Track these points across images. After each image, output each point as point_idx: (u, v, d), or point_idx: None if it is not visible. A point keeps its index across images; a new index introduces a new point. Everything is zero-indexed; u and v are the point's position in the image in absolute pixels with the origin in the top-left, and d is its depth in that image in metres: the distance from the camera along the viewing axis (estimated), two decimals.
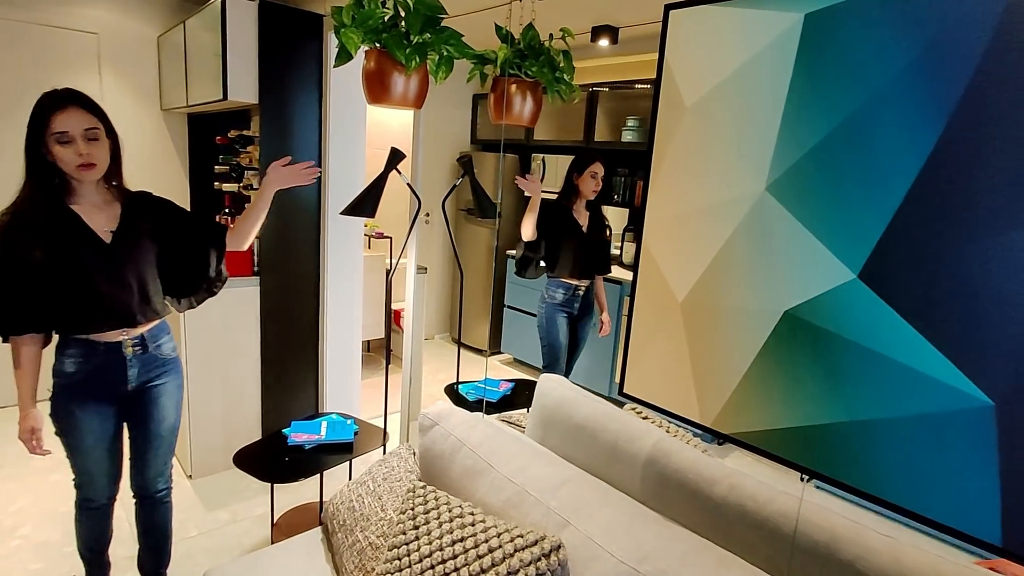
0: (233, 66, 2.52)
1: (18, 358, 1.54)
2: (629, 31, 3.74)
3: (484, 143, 4.94)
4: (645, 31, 3.76)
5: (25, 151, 1.48)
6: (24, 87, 3.16)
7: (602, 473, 1.49)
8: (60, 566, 2.13)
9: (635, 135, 3.97)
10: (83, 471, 1.67)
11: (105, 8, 3.32)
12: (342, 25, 1.56)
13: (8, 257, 1.46)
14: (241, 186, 2.98)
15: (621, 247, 4.15)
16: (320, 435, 2.08)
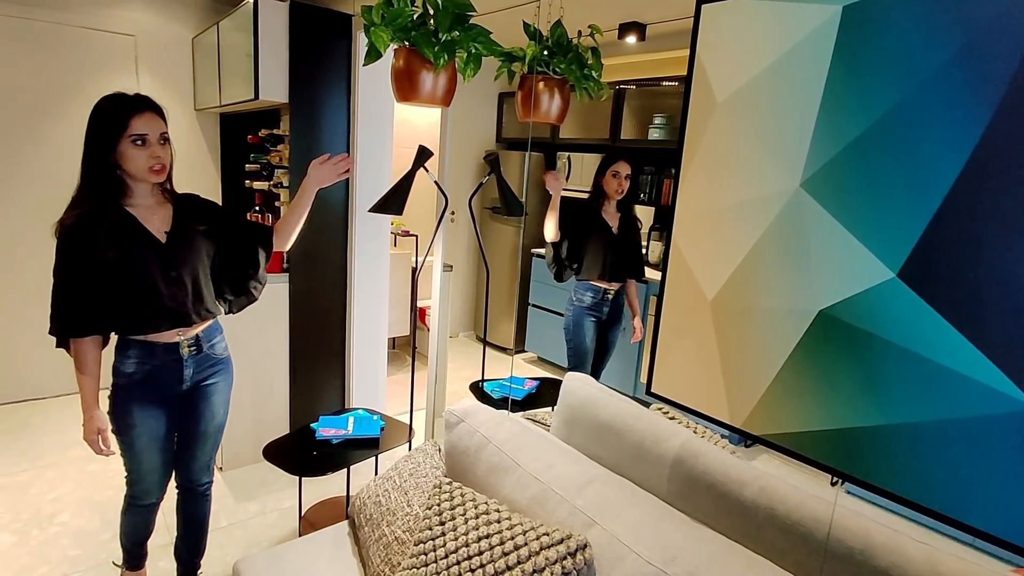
0: (264, 66, 2.56)
1: (82, 361, 1.56)
2: (656, 28, 3.70)
3: (509, 141, 4.93)
4: (673, 27, 3.71)
5: (87, 152, 1.51)
6: (64, 88, 3.26)
7: (628, 473, 1.47)
8: (98, 553, 2.19)
9: (662, 133, 3.92)
10: (135, 469, 1.70)
11: (142, 11, 3.41)
12: (372, 24, 1.57)
13: (73, 258, 1.50)
14: (271, 184, 3.03)
15: (647, 246, 4.11)
16: (347, 430, 2.10)
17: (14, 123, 3.15)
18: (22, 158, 3.20)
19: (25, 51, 3.12)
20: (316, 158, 1.79)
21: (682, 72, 3.47)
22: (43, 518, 2.37)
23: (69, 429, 3.11)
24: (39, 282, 3.32)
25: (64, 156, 3.31)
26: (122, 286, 1.53)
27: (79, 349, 1.56)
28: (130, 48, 3.41)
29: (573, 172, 4.46)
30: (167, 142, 1.54)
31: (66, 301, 1.52)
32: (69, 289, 1.51)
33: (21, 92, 3.14)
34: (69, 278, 1.51)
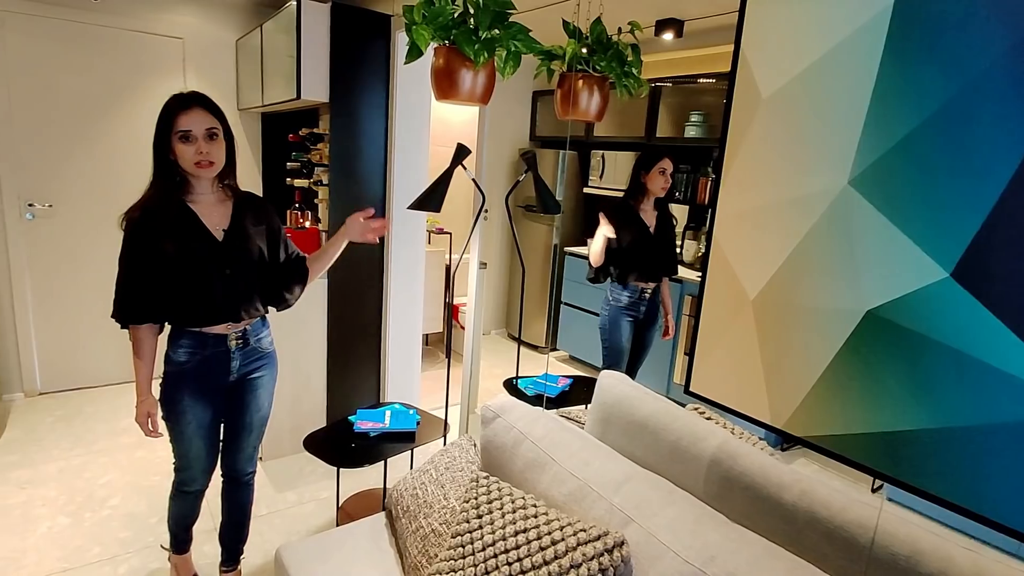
0: (306, 67, 2.62)
1: (138, 347, 1.64)
2: (694, 24, 3.65)
3: (543, 140, 4.93)
4: (711, 23, 3.65)
5: (153, 150, 1.59)
6: (119, 88, 3.40)
7: (663, 472, 1.46)
8: (146, 536, 2.28)
9: (699, 130, 3.86)
10: (182, 456, 1.77)
11: (190, 15, 3.52)
12: (413, 23, 1.60)
13: (136, 250, 1.58)
14: (311, 182, 3.10)
15: (681, 245, 4.06)
16: (384, 424, 2.14)
17: (74, 122, 3.30)
18: (81, 155, 3.35)
19: (84, 54, 3.27)
20: (358, 211, 1.80)
21: (720, 68, 3.42)
22: (95, 501, 2.48)
23: (119, 416, 3.24)
24: (95, 276, 3.47)
25: (119, 153, 3.45)
26: (177, 279, 1.59)
27: (136, 335, 1.64)
28: (179, 50, 3.53)
29: (607, 170, 4.43)
30: (216, 137, 1.58)
31: (126, 289, 1.60)
32: (129, 278, 1.59)
33: (80, 93, 3.29)
34: (130, 268, 1.59)
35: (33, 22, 3.12)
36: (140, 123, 3.48)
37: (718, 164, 1.32)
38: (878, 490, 2.53)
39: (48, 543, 2.21)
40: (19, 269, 3.28)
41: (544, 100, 4.85)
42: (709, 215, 1.37)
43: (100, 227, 3.45)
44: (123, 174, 3.47)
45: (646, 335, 2.94)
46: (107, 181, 3.44)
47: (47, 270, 3.37)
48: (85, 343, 3.52)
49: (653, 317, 2.92)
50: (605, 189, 4.20)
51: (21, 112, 3.16)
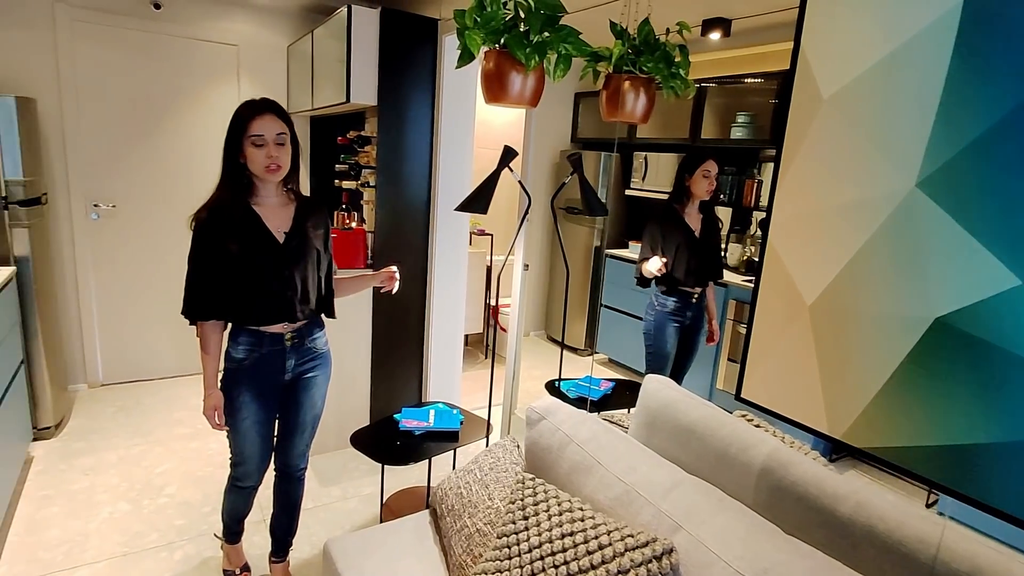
0: (356, 71, 2.68)
1: (205, 342, 1.71)
2: (741, 23, 3.57)
3: (584, 141, 4.91)
4: (759, 22, 3.57)
5: (223, 153, 1.64)
6: (177, 93, 3.54)
7: (711, 479, 1.44)
8: (200, 524, 2.37)
9: (746, 132, 3.78)
10: (239, 452, 1.83)
11: (245, 22, 3.65)
12: (465, 28, 1.61)
13: (203, 249, 1.64)
14: (359, 183, 3.16)
15: (726, 249, 3.98)
16: (428, 423, 2.17)
17: (136, 126, 3.46)
18: (142, 158, 3.51)
19: (146, 61, 3.42)
20: (392, 267, 2.01)
21: (768, 68, 3.35)
22: (153, 489, 2.59)
23: (174, 408, 3.38)
24: (152, 273, 3.63)
25: (177, 155, 3.59)
26: (239, 278, 1.66)
27: (203, 331, 1.71)
28: (233, 57, 3.66)
29: (649, 172, 4.38)
30: (284, 143, 1.64)
31: (194, 287, 1.67)
32: (197, 276, 1.66)
33: (142, 98, 3.44)
34: (197, 266, 1.66)
35: (101, 31, 3.28)
36: (196, 127, 3.62)
37: (775, 166, 1.29)
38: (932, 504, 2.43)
39: (110, 527, 2.32)
40: (84, 267, 3.45)
41: (586, 101, 4.83)
42: (764, 218, 1.34)
43: (158, 226, 3.61)
44: (180, 175, 3.62)
45: (692, 341, 2.89)
46: (165, 182, 3.59)
47: (109, 268, 3.53)
48: (143, 338, 3.68)
49: (699, 322, 2.87)
50: (647, 191, 4.15)
51: (89, 117, 3.33)
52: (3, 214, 2.63)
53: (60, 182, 3.30)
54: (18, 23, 3.07)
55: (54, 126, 3.23)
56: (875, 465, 1.23)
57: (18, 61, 3.09)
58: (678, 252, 2.70)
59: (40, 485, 2.57)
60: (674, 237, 2.71)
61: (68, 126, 3.26)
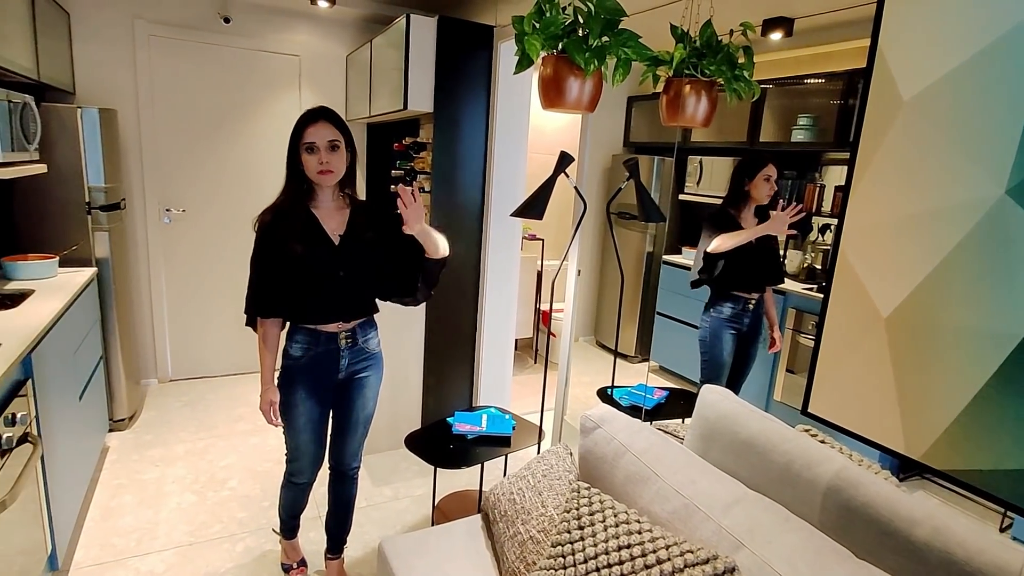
0: (413, 78, 2.73)
1: (264, 339, 1.79)
2: (803, 22, 3.45)
3: (637, 145, 4.84)
4: (823, 21, 3.44)
5: (287, 160, 1.72)
6: (242, 102, 3.70)
7: (773, 496, 1.38)
8: (259, 518, 2.45)
9: (808, 134, 3.64)
10: (294, 449, 1.89)
11: (306, 33, 3.78)
12: (524, 33, 1.62)
13: (265, 250, 1.72)
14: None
15: (784, 255, 3.84)
16: (481, 427, 2.18)
17: (205, 134, 3.63)
18: (210, 164, 3.68)
19: (215, 72, 3.59)
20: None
21: (832, 68, 3.22)
22: (216, 482, 2.70)
23: (236, 404, 3.52)
24: (218, 275, 3.80)
25: (242, 161, 3.75)
26: (297, 279, 1.71)
27: (263, 328, 1.79)
28: (295, 66, 3.80)
29: (704, 176, 4.28)
30: (337, 149, 1.69)
31: (254, 285, 1.74)
32: (258, 276, 1.73)
33: (211, 107, 3.62)
34: (259, 267, 1.73)
35: (175, 45, 3.47)
36: (261, 134, 3.77)
37: (847, 172, 1.24)
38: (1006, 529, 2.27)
39: (177, 517, 2.43)
40: (157, 268, 3.64)
41: (640, 105, 4.76)
42: (827, 224, 1.29)
43: (224, 230, 3.77)
44: (245, 181, 3.78)
45: (750, 349, 2.80)
46: (231, 188, 3.75)
47: (179, 269, 3.72)
48: (208, 336, 3.86)
49: (757, 330, 2.78)
50: (702, 196, 4.06)
51: (162, 126, 3.52)
52: (87, 218, 2.81)
53: (136, 188, 3.50)
54: (102, 40, 3.27)
55: (132, 135, 3.43)
56: (946, 486, 1.16)
57: (102, 75, 3.30)
58: (734, 257, 2.63)
59: (115, 474, 2.72)
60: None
61: (144, 134, 3.46)
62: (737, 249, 2.63)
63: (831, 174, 3.67)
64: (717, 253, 2.59)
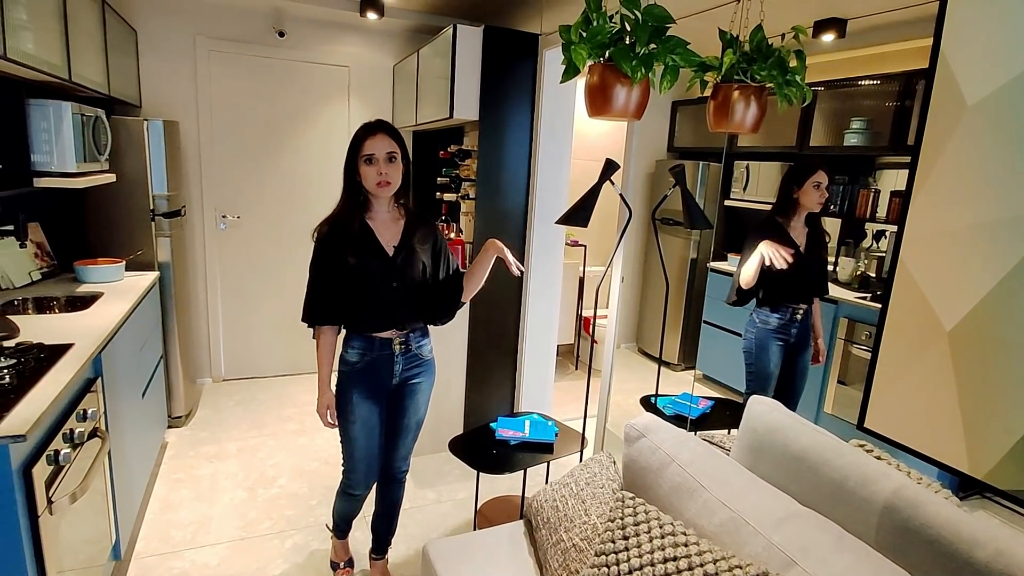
0: (459, 87, 2.78)
1: (321, 345, 1.85)
2: (857, 23, 3.35)
3: (681, 151, 4.77)
4: (877, 21, 3.33)
5: (344, 172, 1.77)
6: (294, 113, 3.83)
7: (825, 513, 1.34)
8: (307, 516, 2.53)
9: (861, 138, 3.52)
10: (349, 457, 1.92)
11: (355, 45, 3.89)
12: (571, 42, 1.63)
13: (323, 260, 1.78)
14: (459, 196, 3.26)
15: (835, 262, 3.72)
16: (524, 433, 2.19)
17: (259, 143, 3.78)
18: (263, 172, 3.82)
19: (269, 84, 3.73)
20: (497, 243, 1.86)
21: (887, 69, 3.11)
22: (266, 480, 2.79)
23: (285, 404, 3.63)
24: (270, 279, 3.94)
25: (294, 170, 3.88)
26: (353, 288, 1.77)
27: (320, 335, 1.84)
28: (344, 77, 3.91)
29: (751, 182, 4.18)
30: (394, 160, 1.74)
31: (313, 294, 1.80)
32: (316, 285, 1.79)
33: (264, 117, 3.76)
34: (317, 276, 1.79)
35: (232, 59, 3.62)
36: (311, 144, 3.90)
37: (908, 178, 1.20)
38: None
39: (229, 512, 2.53)
40: (213, 272, 3.80)
41: (684, 110, 4.69)
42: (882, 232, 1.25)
43: (275, 235, 3.91)
44: (296, 189, 3.90)
45: (799, 361, 2.72)
46: (283, 194, 3.89)
47: (233, 273, 3.87)
48: (259, 338, 4.00)
49: (805, 341, 2.70)
50: (748, 202, 3.97)
51: (220, 136, 3.68)
52: (151, 225, 2.96)
53: (195, 195, 3.67)
54: (166, 55, 3.45)
55: (191, 145, 3.60)
56: (1010, 507, 1.11)
57: (165, 88, 3.48)
58: (782, 269, 2.56)
59: (173, 469, 2.84)
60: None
61: (203, 144, 3.62)
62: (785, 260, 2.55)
63: (886, 178, 3.54)
64: (751, 288, 2.53)
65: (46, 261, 2.70)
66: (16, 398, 1.37)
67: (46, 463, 1.40)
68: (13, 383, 1.45)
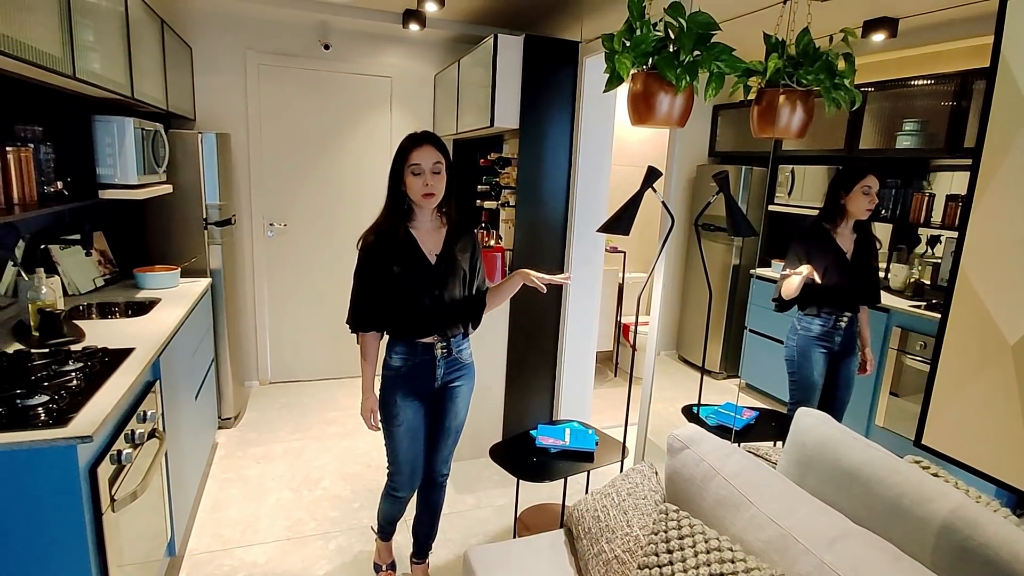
0: (500, 96, 2.80)
1: (365, 350, 1.90)
2: (908, 22, 3.23)
3: (723, 155, 4.68)
4: (930, 20, 3.21)
5: (388, 182, 1.83)
6: (338, 123, 3.93)
7: (879, 532, 1.30)
8: (350, 518, 2.58)
9: (914, 140, 3.38)
10: (394, 460, 1.97)
11: (398, 56, 3.97)
12: (614, 51, 1.63)
13: (369, 268, 1.83)
14: (499, 203, 3.29)
15: (887, 269, 3.58)
16: (564, 441, 2.18)
17: (305, 153, 3.89)
18: (309, 181, 3.94)
19: (314, 95, 3.84)
20: (535, 272, 1.88)
21: (942, 69, 2.99)
22: (311, 481, 2.86)
23: (328, 408, 3.72)
24: (314, 285, 4.04)
25: (338, 178, 3.98)
26: (396, 296, 1.81)
27: (364, 340, 1.90)
28: (387, 87, 4.00)
29: (796, 186, 4.08)
30: (440, 171, 1.78)
31: (358, 301, 1.85)
32: (361, 292, 1.84)
33: (310, 128, 3.87)
34: (362, 283, 1.84)
35: (280, 72, 3.75)
36: (354, 153, 3.99)
37: (969, 183, 1.15)
38: None
39: (276, 512, 2.60)
40: (260, 278, 3.93)
41: (725, 114, 4.61)
42: (953, 239, 1.20)
43: (321, 242, 4.02)
44: (339, 197, 4.00)
45: (845, 370, 2.62)
46: (328, 202, 3.99)
47: (280, 279, 3.99)
48: (304, 342, 4.11)
49: (850, 349, 2.60)
50: (794, 206, 3.87)
51: (268, 146, 3.80)
52: (204, 233, 3.08)
53: (244, 204, 3.80)
54: (218, 70, 3.59)
55: (241, 155, 3.73)
56: None
57: (218, 102, 3.62)
58: (826, 275, 2.48)
59: (223, 468, 2.94)
60: (822, 259, 2.48)
61: (252, 155, 3.75)
62: (828, 269, 2.47)
63: (941, 181, 3.40)
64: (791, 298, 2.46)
65: (109, 268, 2.84)
66: (83, 400, 1.45)
67: (109, 463, 1.47)
68: (81, 386, 1.53)
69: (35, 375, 1.57)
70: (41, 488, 1.30)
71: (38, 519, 1.31)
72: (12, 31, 1.43)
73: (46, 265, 2.26)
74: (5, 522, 1.28)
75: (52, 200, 2.05)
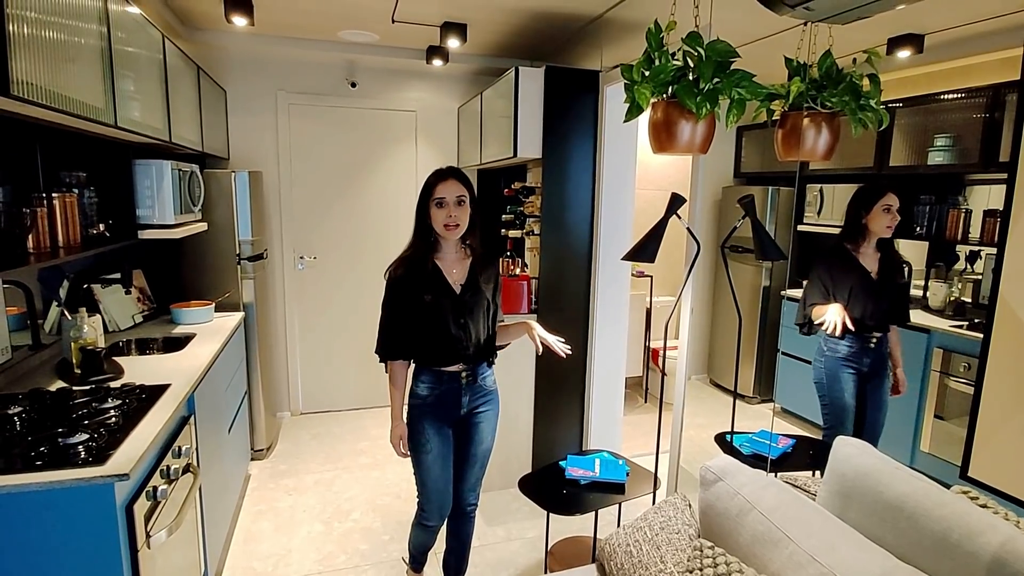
0: (522, 127, 2.84)
1: (394, 378, 1.94)
2: (935, 36, 3.19)
3: (748, 176, 4.65)
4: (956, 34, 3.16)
5: (416, 215, 1.89)
6: (364, 157, 4.03)
7: (925, 568, 1.24)
8: (380, 551, 2.56)
9: (947, 156, 3.32)
10: (424, 490, 1.97)
11: (422, 91, 4.07)
12: (633, 82, 1.64)
13: (396, 299, 1.88)
14: (524, 232, 3.31)
15: (925, 287, 3.48)
16: (594, 472, 2.15)
17: (333, 187, 3.99)
18: (337, 215, 4.03)
19: (341, 131, 3.96)
20: (539, 334, 1.94)
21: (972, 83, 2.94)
22: (342, 513, 2.86)
23: (359, 438, 3.73)
24: (343, 317, 4.10)
25: (366, 212, 4.07)
26: (423, 325, 1.85)
27: (393, 369, 1.93)
28: (411, 121, 4.09)
29: (825, 205, 4.01)
30: (463, 204, 1.82)
31: (386, 331, 1.90)
32: (389, 322, 1.89)
33: (338, 163, 3.98)
34: (390, 314, 1.89)
35: (309, 110, 3.87)
36: (381, 186, 4.08)
37: (1005, 201, 1.12)
38: None
39: (307, 545, 2.60)
40: (291, 310, 4.01)
41: (750, 135, 4.59)
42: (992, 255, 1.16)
43: (350, 274, 4.09)
44: (368, 229, 4.08)
45: (876, 392, 2.53)
46: (356, 235, 4.07)
47: (310, 312, 4.07)
48: (334, 372, 4.15)
49: (880, 370, 2.51)
50: (823, 226, 3.80)
51: (297, 182, 3.91)
52: (237, 268, 3.16)
53: (275, 238, 3.90)
54: (251, 111, 3.73)
55: (272, 191, 3.84)
56: None
57: (251, 141, 3.75)
58: (851, 297, 2.41)
59: (255, 500, 2.97)
60: (845, 280, 2.41)
61: (283, 190, 3.87)
62: (853, 290, 2.41)
63: (977, 196, 3.31)
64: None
65: (147, 304, 2.93)
66: (121, 437, 1.49)
67: (145, 499, 1.50)
68: (119, 423, 1.57)
69: (76, 412, 1.62)
70: (79, 525, 1.33)
71: (76, 555, 1.33)
72: (58, 85, 1.51)
73: (88, 303, 2.34)
74: (43, 559, 1.31)
75: (95, 242, 2.14)
